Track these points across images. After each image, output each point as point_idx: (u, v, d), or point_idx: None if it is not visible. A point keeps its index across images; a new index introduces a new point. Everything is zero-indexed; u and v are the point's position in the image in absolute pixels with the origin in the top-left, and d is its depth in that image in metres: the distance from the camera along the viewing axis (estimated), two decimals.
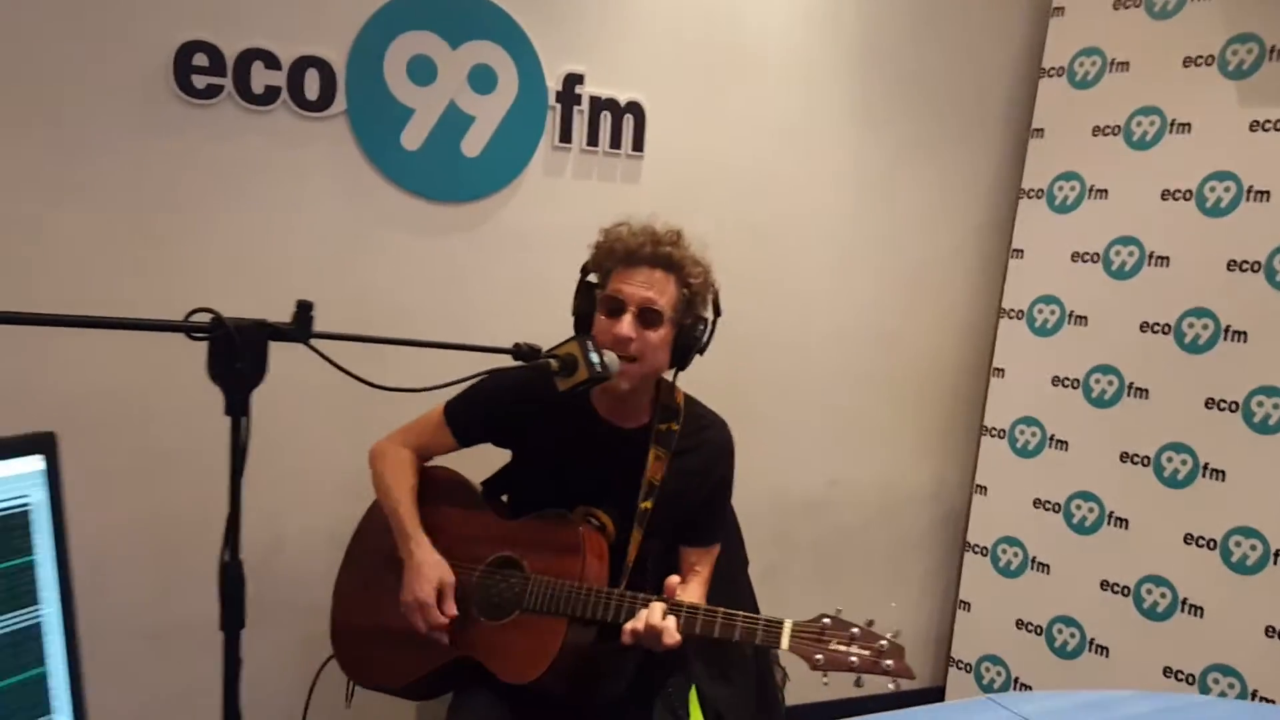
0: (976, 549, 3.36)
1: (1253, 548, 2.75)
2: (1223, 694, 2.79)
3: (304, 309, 1.46)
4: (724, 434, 2.11)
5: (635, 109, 2.76)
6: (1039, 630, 3.19)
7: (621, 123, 2.75)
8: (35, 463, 0.91)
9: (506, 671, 1.91)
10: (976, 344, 3.44)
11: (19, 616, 0.88)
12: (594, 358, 1.74)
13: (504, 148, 2.62)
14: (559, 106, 2.67)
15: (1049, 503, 3.18)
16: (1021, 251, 3.28)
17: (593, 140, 2.73)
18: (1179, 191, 2.92)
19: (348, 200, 2.48)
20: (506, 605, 1.96)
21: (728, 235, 2.82)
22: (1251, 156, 2.79)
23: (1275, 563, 2.71)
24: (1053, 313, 3.19)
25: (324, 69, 2.39)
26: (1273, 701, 2.70)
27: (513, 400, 2.07)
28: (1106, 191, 3.09)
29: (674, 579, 1.84)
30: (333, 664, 2.12)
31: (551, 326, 1.88)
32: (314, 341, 1.44)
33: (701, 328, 1.99)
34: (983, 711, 1.54)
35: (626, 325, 1.90)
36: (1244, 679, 2.75)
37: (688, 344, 1.98)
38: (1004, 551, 3.29)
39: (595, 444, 2.05)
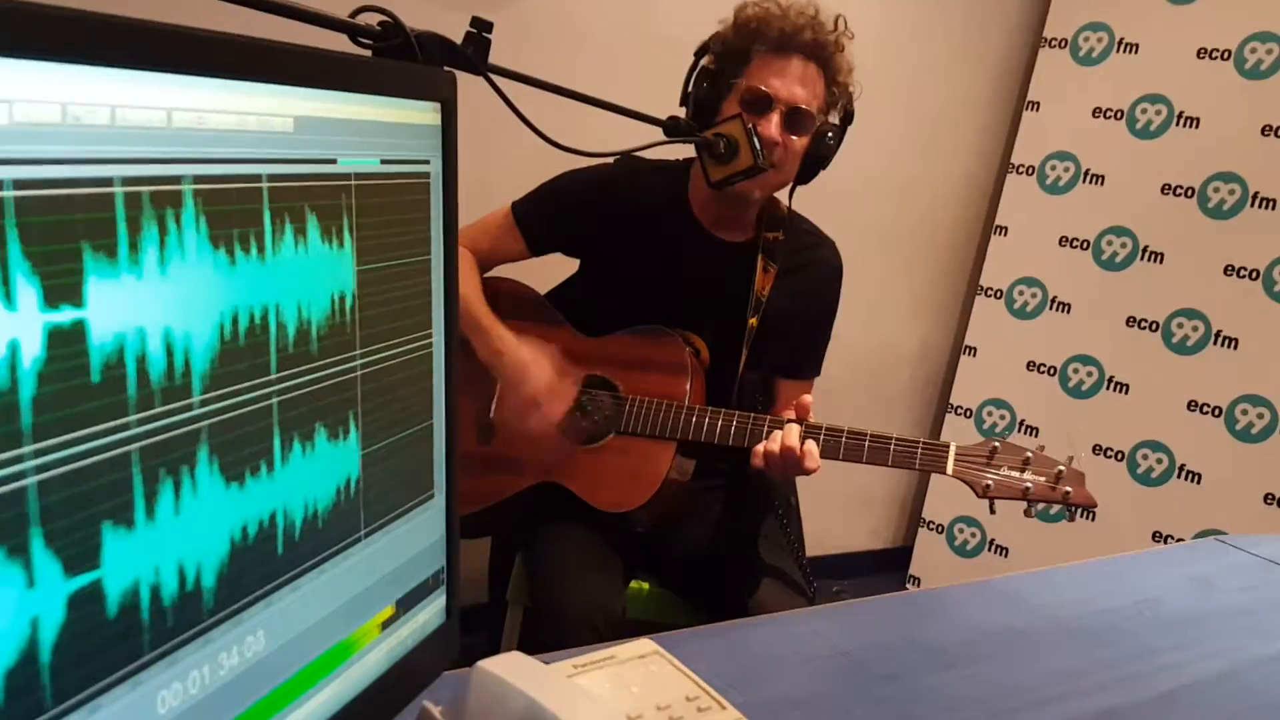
0: (959, 411, 3.28)
1: (1259, 416, 2.75)
2: None
3: (482, 29, 1.14)
4: (836, 255, 1.88)
5: None
6: None
7: None
8: (431, 114, 0.60)
9: (602, 498, 1.67)
10: (978, 200, 3.31)
11: (414, 342, 0.58)
12: (757, 143, 1.48)
13: None
14: None
15: (1044, 366, 3.12)
16: (1038, 104, 3.13)
17: None
18: (1217, 51, 2.82)
19: None
20: (599, 429, 1.71)
21: None
22: None
23: None
24: (1066, 169, 3.07)
25: None
26: None
27: (599, 200, 1.78)
28: (1137, 46, 2.96)
29: (807, 398, 1.63)
30: None
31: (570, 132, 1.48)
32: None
33: (832, 137, 1.72)
34: (1213, 554, 1.41)
35: (774, 126, 1.62)
36: None
37: (819, 156, 1.71)
38: (989, 414, 3.22)
39: (696, 256, 1.79)
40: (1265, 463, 2.74)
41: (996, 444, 1.57)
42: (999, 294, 3.20)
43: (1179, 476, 2.88)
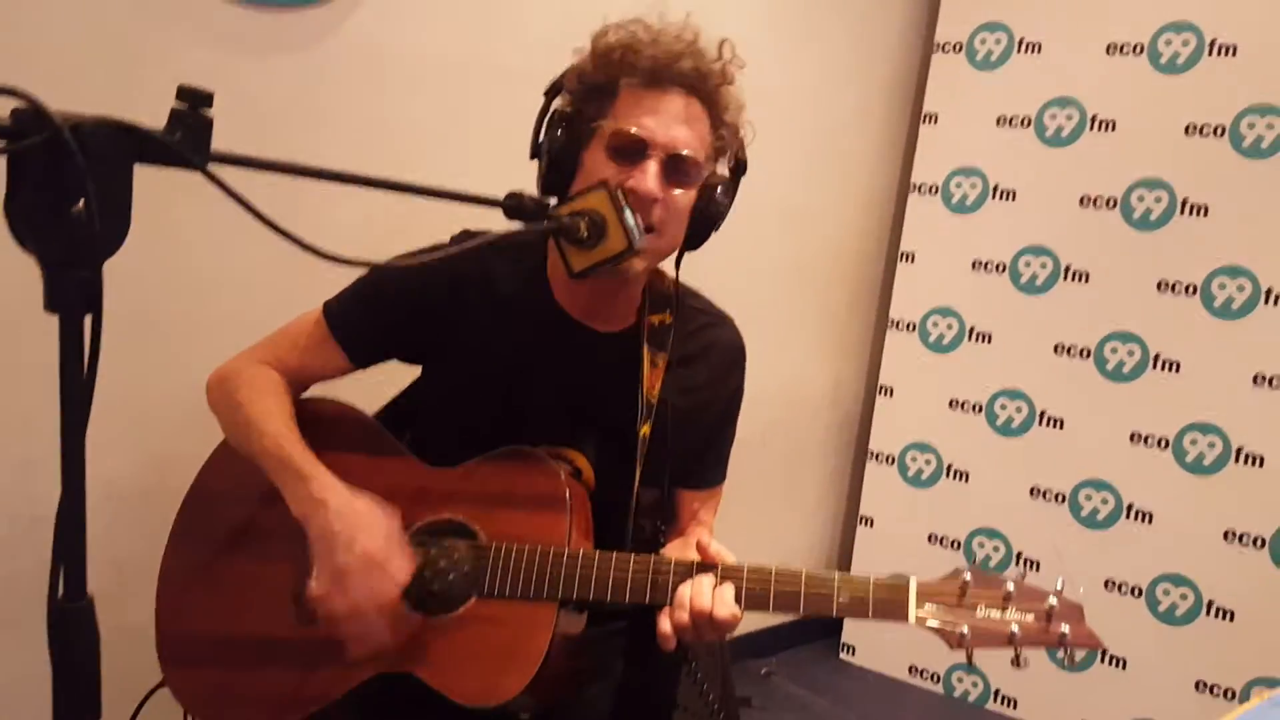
0: (881, 458, 2.96)
1: (1210, 445, 2.49)
2: (1173, 605, 2.54)
3: (194, 102, 0.75)
4: (737, 335, 1.52)
5: None
6: (955, 545, 2.85)
7: None
8: None
9: (465, 688, 1.26)
10: (879, 225, 3.00)
11: None
12: (629, 218, 1.12)
13: None
14: None
15: (968, 403, 2.82)
16: (935, 116, 2.84)
17: None
18: (1128, 45, 2.56)
19: None
20: (454, 592, 1.31)
21: None
22: (1213, 3, 2.45)
23: (1237, 461, 2.46)
24: (973, 186, 2.79)
25: None
26: (1231, 612, 2.47)
27: (434, 291, 1.38)
28: (1039, 45, 2.69)
29: (713, 547, 1.27)
30: (163, 696, 1.39)
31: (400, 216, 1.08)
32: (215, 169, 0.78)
33: (723, 192, 1.36)
34: None
35: (652, 178, 1.26)
36: (1198, 589, 2.51)
37: (708, 215, 1.35)
38: (913, 459, 2.91)
39: (565, 354, 1.40)
40: (1221, 496, 2.48)
41: (967, 576, 1.23)
42: (912, 326, 2.89)
43: (1128, 517, 2.60)
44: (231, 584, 1.36)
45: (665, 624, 1.21)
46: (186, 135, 0.76)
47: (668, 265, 1.45)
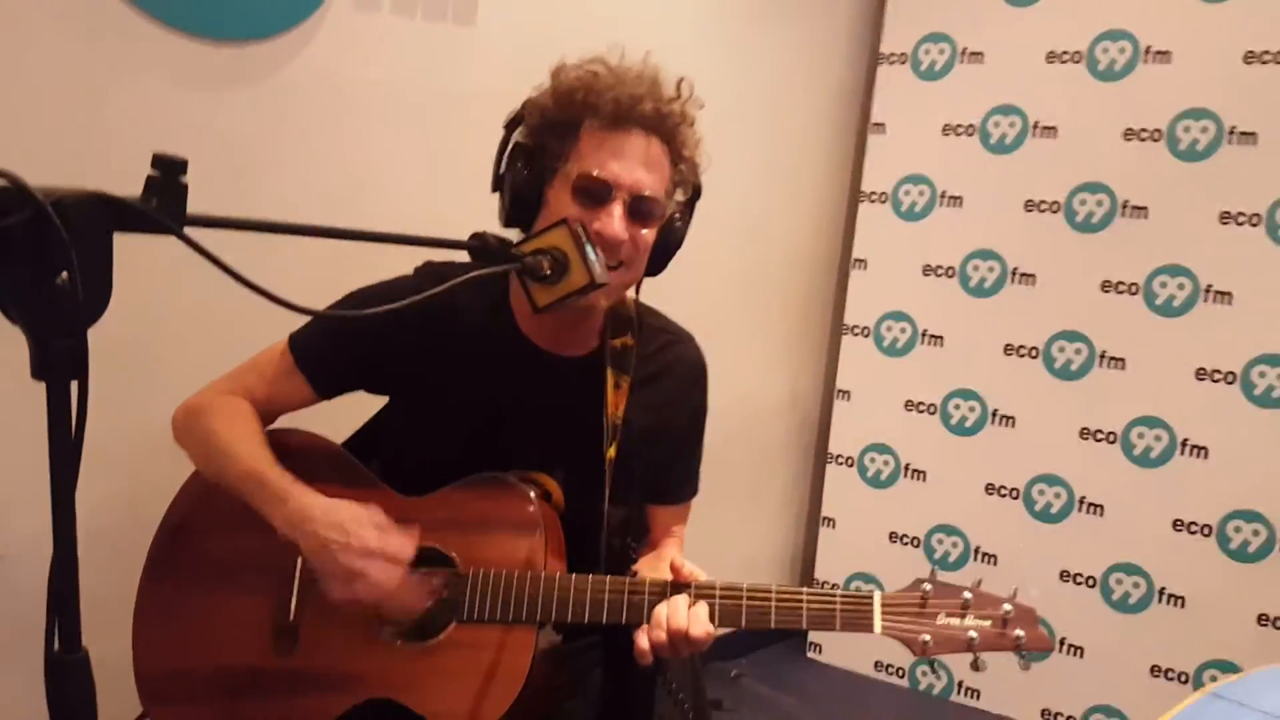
0: (840, 460, 3.02)
1: (1157, 438, 2.57)
2: (1126, 594, 2.62)
3: (168, 170, 0.78)
4: (697, 351, 1.57)
5: None
6: (915, 543, 2.91)
7: None
8: None
9: (448, 713, 1.30)
10: (832, 234, 3.06)
11: None
12: (591, 253, 1.16)
13: None
14: None
15: (923, 404, 2.89)
16: (883, 126, 2.91)
17: None
18: (1067, 53, 2.64)
19: (80, 35, 1.63)
20: (433, 618, 1.34)
21: None
22: (1148, 12, 2.53)
23: (1182, 453, 2.54)
24: (921, 193, 2.85)
25: None
26: (1182, 599, 2.56)
27: (400, 322, 1.39)
28: (982, 55, 2.76)
29: (686, 567, 1.32)
30: None
31: (372, 220, 1.11)
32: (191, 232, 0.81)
33: (680, 220, 1.41)
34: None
35: (618, 221, 1.30)
36: (1150, 577, 2.59)
37: (668, 244, 1.40)
38: (872, 461, 2.97)
39: (530, 381, 1.44)
40: (1169, 487, 2.56)
41: (928, 586, 1.28)
42: (866, 331, 2.96)
43: (1080, 510, 2.68)
44: (208, 617, 1.38)
45: (643, 641, 1.25)
46: (162, 201, 0.78)
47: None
